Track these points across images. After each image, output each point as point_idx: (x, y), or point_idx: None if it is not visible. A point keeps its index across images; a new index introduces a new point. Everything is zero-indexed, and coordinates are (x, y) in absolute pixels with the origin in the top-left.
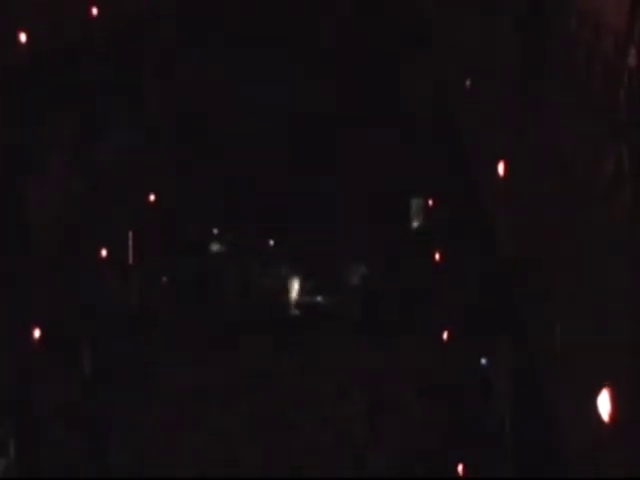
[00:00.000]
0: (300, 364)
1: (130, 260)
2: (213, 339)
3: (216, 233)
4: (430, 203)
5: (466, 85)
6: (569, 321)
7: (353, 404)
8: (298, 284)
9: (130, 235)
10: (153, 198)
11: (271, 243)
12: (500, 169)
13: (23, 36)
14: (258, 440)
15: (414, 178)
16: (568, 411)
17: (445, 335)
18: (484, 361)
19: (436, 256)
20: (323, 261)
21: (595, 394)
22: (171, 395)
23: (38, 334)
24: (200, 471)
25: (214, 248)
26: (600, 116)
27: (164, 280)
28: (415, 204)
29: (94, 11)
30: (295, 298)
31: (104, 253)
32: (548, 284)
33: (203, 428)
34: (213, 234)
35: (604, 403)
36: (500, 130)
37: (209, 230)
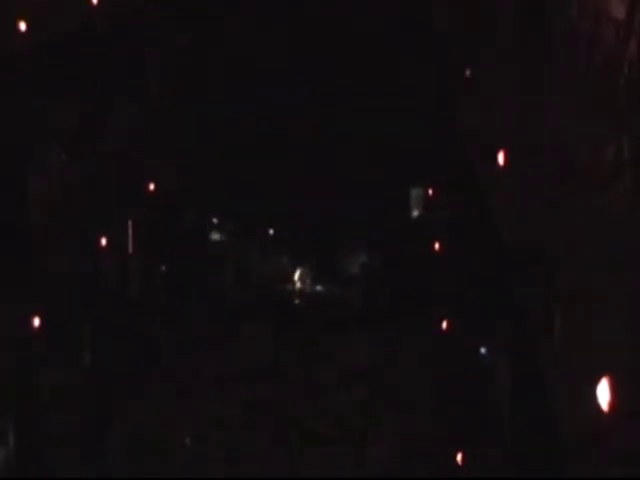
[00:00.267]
0: (300, 352)
1: (130, 249)
2: (212, 327)
3: (216, 222)
4: (430, 192)
5: (466, 73)
6: (569, 309)
7: (353, 393)
8: (298, 273)
9: (130, 224)
10: (153, 187)
11: (271, 232)
12: (500, 157)
13: (23, 24)
14: (258, 428)
15: (414, 167)
16: (567, 399)
17: (445, 323)
18: (483, 349)
19: (436, 244)
20: (323, 250)
21: (595, 383)
22: (170, 383)
23: (37, 321)
24: (199, 458)
25: (214, 237)
26: (600, 105)
27: (163, 269)
28: (415, 193)
29: None
30: (295, 287)
31: (104, 241)
32: (548, 272)
33: (203, 415)
34: (213, 223)
35: (604, 392)
36: (500, 118)
37: (209, 219)
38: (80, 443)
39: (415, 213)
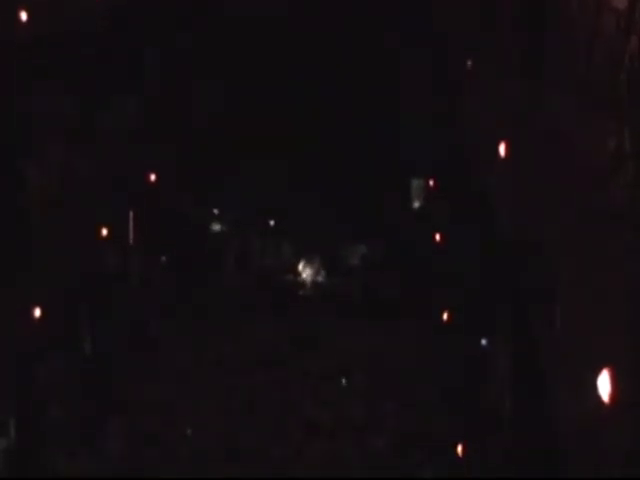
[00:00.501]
0: (300, 342)
1: (130, 239)
2: (212, 317)
3: (217, 213)
4: (431, 184)
5: (467, 66)
6: (569, 302)
7: (353, 384)
8: (298, 264)
9: (130, 214)
10: (154, 177)
11: (271, 223)
12: (501, 150)
13: (24, 15)
14: (258, 418)
15: (415, 159)
16: (568, 392)
17: (445, 316)
18: (484, 340)
19: (436, 237)
20: (323, 241)
21: (595, 375)
22: (171, 373)
23: (38, 314)
24: (199, 449)
25: (215, 227)
26: (601, 97)
27: (164, 259)
28: (416, 185)
29: None
30: (295, 277)
31: (104, 232)
32: (548, 265)
33: (202, 406)
34: (214, 214)
35: (604, 384)
36: (501, 111)
37: (210, 210)
38: (80, 432)
39: (416, 204)
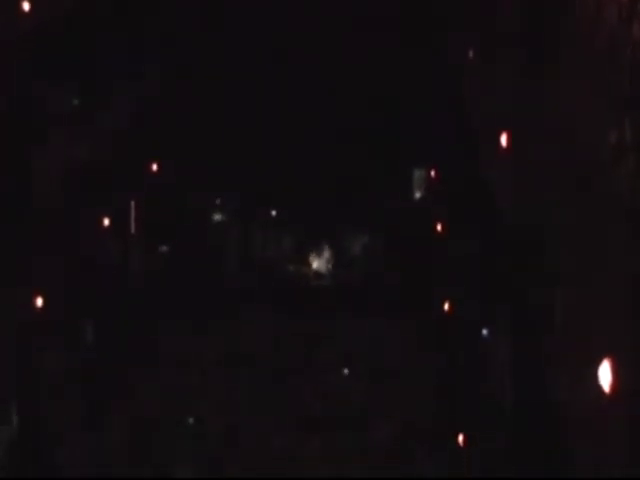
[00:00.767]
0: (301, 333)
1: (132, 229)
2: (213, 308)
3: (218, 202)
4: (432, 174)
5: (468, 55)
6: (570, 291)
7: (354, 373)
8: (299, 253)
9: (132, 204)
10: (155, 167)
11: (273, 213)
12: (502, 140)
13: (26, 5)
14: (259, 408)
15: (416, 149)
16: (568, 381)
17: (446, 305)
18: (485, 331)
19: (437, 226)
20: (325, 231)
21: (596, 364)
22: (172, 363)
23: (40, 303)
24: (200, 439)
25: (216, 217)
26: (603, 87)
27: (164, 249)
28: (417, 175)
29: None
30: (296, 267)
31: (106, 222)
32: (549, 255)
33: (204, 396)
34: (215, 203)
35: (605, 373)
36: (502, 100)
37: (211, 199)
38: (82, 424)
39: (417, 195)
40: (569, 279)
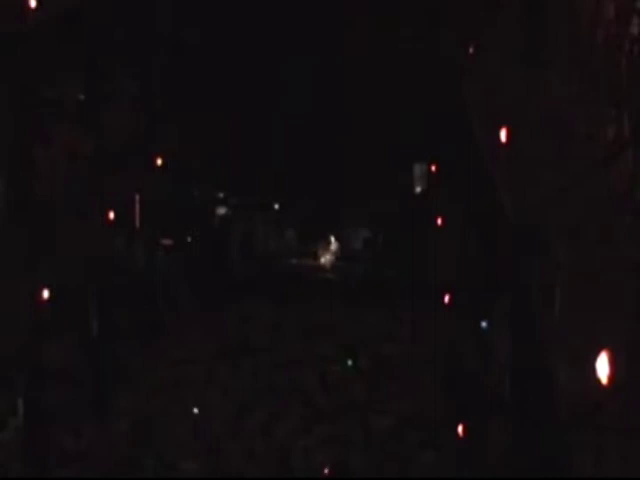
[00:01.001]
0: (302, 325)
1: (137, 223)
2: (216, 300)
3: (221, 197)
4: (433, 169)
5: (469, 51)
6: (569, 285)
7: (354, 365)
8: (301, 247)
9: (137, 198)
10: (160, 161)
11: (276, 207)
12: (502, 135)
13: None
14: (262, 399)
15: (417, 144)
16: (567, 373)
17: (446, 297)
18: (484, 322)
19: (438, 220)
20: (326, 225)
21: (594, 356)
22: (175, 354)
23: (46, 295)
24: (202, 430)
25: (219, 212)
26: (601, 83)
27: (169, 243)
28: (418, 169)
29: None
30: (299, 260)
31: (111, 215)
32: (548, 249)
33: (205, 388)
34: (219, 198)
35: (603, 365)
36: (502, 96)
37: (215, 194)
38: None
39: (418, 188)
40: (568, 273)
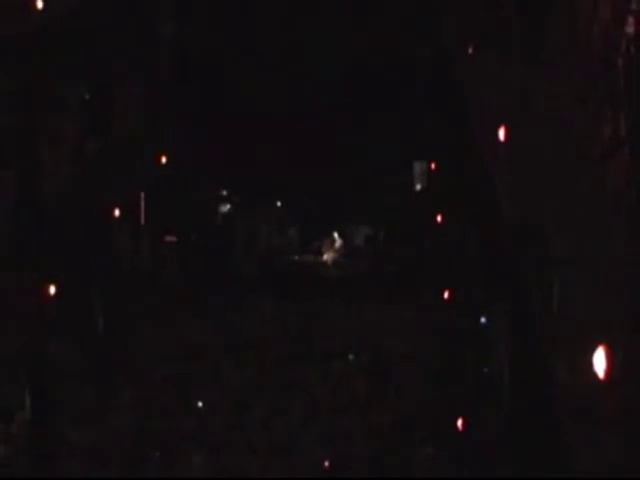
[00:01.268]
0: (304, 320)
1: (142, 220)
2: (219, 297)
3: (224, 195)
4: (433, 167)
5: (468, 51)
6: (567, 280)
7: (355, 360)
8: (304, 243)
9: (142, 196)
10: (164, 160)
11: (278, 204)
12: (501, 134)
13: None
14: (264, 392)
15: (417, 142)
16: (565, 368)
17: (446, 294)
18: (484, 318)
19: (438, 218)
20: (328, 222)
21: (591, 352)
22: (179, 350)
23: (52, 292)
24: (205, 424)
25: (222, 209)
26: (599, 83)
27: (173, 239)
28: (418, 167)
29: None
30: (301, 257)
31: (117, 213)
32: (547, 245)
33: (209, 382)
34: (222, 195)
35: (600, 361)
36: (502, 96)
37: (218, 191)
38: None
39: (418, 186)
40: (566, 269)
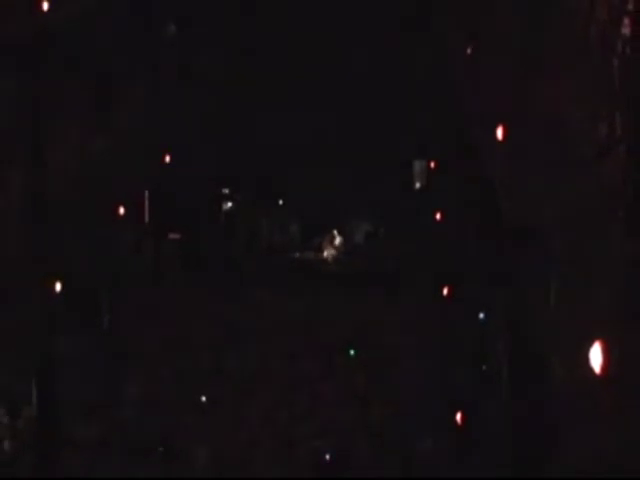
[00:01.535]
0: (305, 316)
1: (146, 218)
2: (222, 293)
3: (227, 192)
4: (432, 165)
5: (467, 51)
6: (564, 277)
7: (355, 355)
8: (305, 241)
9: (146, 194)
10: (168, 158)
11: (280, 202)
12: (499, 133)
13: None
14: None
15: (417, 141)
16: (562, 364)
17: (445, 290)
18: (482, 314)
19: (437, 215)
20: (329, 219)
21: (588, 347)
22: (184, 345)
23: (58, 288)
24: (207, 419)
25: (225, 207)
26: (595, 83)
27: (176, 237)
28: (418, 166)
29: None
30: (302, 254)
31: (121, 211)
32: (545, 243)
33: (211, 378)
34: (224, 193)
35: (596, 356)
36: (500, 96)
37: (220, 189)
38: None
39: (418, 185)
40: (563, 266)
